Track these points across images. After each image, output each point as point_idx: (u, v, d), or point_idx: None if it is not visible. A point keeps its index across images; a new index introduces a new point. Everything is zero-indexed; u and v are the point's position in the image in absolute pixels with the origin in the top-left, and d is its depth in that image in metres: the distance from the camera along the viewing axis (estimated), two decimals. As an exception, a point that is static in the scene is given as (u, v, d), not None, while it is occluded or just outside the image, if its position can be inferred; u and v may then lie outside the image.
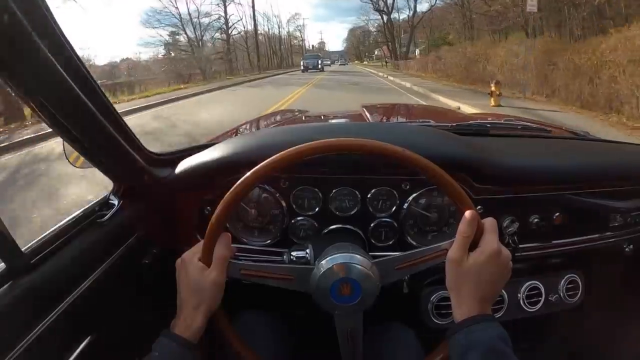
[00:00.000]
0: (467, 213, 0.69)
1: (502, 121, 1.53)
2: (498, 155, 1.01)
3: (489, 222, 0.70)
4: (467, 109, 7.98)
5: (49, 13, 0.61)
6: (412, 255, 0.74)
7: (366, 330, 0.80)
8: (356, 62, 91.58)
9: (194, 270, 0.72)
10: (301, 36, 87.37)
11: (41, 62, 0.60)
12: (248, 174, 0.71)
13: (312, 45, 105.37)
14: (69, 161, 0.95)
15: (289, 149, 0.70)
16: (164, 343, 0.68)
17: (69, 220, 0.83)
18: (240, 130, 1.85)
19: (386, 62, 44.52)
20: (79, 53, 0.71)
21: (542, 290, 1.07)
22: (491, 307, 0.69)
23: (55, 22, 0.63)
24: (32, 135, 7.85)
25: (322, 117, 1.99)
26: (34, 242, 0.74)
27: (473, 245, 0.68)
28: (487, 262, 0.66)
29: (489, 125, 1.31)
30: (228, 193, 0.71)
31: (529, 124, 1.51)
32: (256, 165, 0.71)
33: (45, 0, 0.61)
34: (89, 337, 0.76)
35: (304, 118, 2.01)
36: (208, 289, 0.71)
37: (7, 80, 0.59)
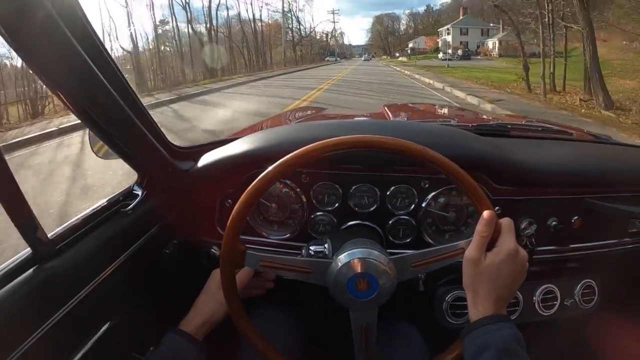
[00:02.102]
0: (485, 213, 0.70)
1: (523, 122, 1.52)
2: (518, 156, 1.01)
3: (506, 222, 0.71)
4: None
5: (79, 7, 0.65)
6: (428, 253, 0.75)
7: None
8: (383, 57, 72.97)
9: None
10: (291, 13, 59.08)
11: (71, 54, 0.63)
12: (269, 169, 0.73)
13: (326, 34, 78.18)
14: (93, 151, 0.99)
15: (308, 146, 0.72)
16: (171, 338, 0.76)
17: (94, 209, 0.86)
18: (263, 126, 1.87)
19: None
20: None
21: (558, 294, 1.07)
22: (506, 309, 0.70)
23: (84, 15, 0.66)
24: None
25: (344, 116, 2.01)
26: (59, 228, 0.77)
27: (490, 245, 0.69)
28: (504, 262, 0.67)
29: (509, 126, 1.30)
30: (249, 188, 0.73)
31: (550, 125, 1.49)
32: (276, 160, 0.73)
33: None
34: (108, 323, 0.79)
35: (325, 115, 2.03)
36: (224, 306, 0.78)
37: (37, 71, 0.63)
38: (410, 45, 66.41)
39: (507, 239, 0.69)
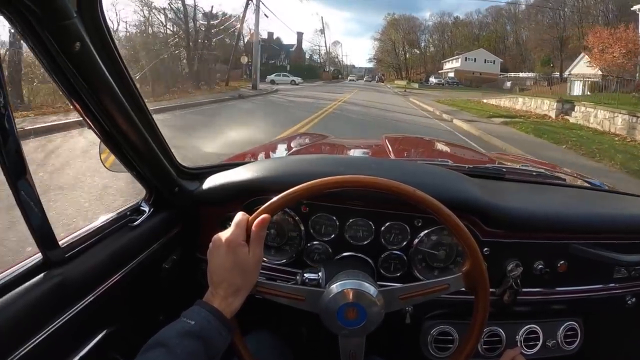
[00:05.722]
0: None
1: (518, 166, 1.56)
2: (508, 200, 1.05)
3: None
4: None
5: (106, 26, 0.69)
6: (415, 287, 0.80)
7: None
8: (397, 82, 49.32)
9: (244, 252, 0.73)
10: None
11: (94, 71, 0.69)
12: (272, 199, 0.77)
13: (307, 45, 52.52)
14: (101, 162, 1.02)
15: (310, 182, 0.77)
16: (202, 315, 0.68)
17: (103, 221, 0.92)
18: (267, 151, 1.93)
19: None
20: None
21: (541, 334, 1.08)
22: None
23: (111, 36, 0.71)
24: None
25: (345, 146, 2.06)
26: (70, 236, 0.82)
27: None
28: None
29: (504, 170, 1.34)
30: (252, 216, 0.76)
31: (545, 170, 1.53)
32: (280, 190, 0.78)
33: (104, 14, 0.68)
34: (105, 330, 0.83)
35: (327, 144, 2.09)
36: (254, 271, 0.74)
37: (61, 85, 0.69)
38: (455, 64, 44.57)
39: None
